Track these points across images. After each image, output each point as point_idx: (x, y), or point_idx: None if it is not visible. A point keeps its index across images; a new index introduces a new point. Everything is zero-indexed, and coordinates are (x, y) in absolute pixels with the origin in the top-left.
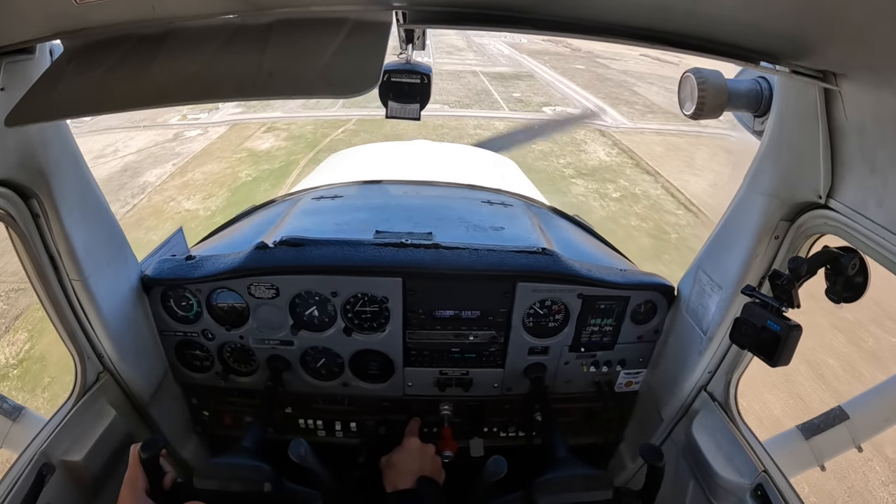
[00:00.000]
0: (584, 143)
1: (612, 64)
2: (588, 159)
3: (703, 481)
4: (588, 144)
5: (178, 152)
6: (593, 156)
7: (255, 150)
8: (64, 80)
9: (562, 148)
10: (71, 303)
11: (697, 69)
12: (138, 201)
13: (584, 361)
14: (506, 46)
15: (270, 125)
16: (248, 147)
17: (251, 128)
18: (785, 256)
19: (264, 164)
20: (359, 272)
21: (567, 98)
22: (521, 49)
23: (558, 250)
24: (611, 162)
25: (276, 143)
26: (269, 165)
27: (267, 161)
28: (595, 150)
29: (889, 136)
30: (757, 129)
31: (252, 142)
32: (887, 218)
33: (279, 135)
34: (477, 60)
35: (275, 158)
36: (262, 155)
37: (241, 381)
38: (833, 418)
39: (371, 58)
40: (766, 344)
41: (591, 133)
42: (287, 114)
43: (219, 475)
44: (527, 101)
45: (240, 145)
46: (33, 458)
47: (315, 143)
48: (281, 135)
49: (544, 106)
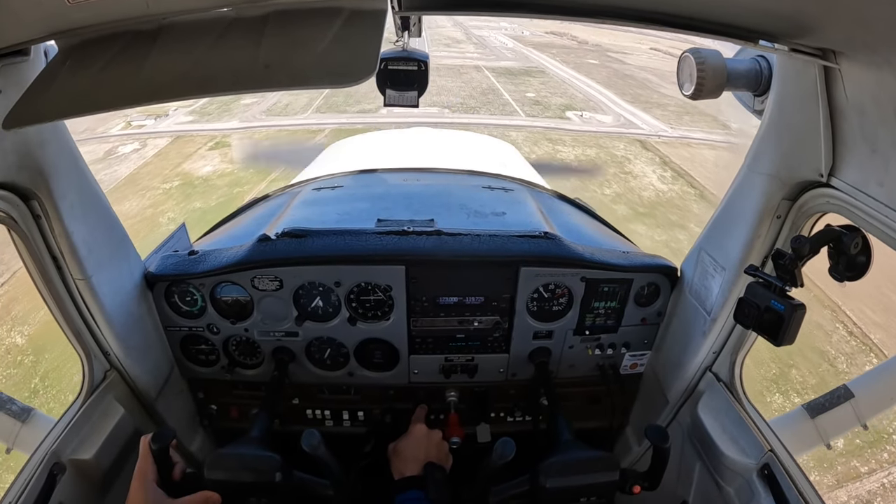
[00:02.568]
0: (628, 162)
1: (626, 59)
2: (640, 187)
3: (709, 462)
4: (633, 164)
5: (100, 180)
6: (644, 181)
7: (192, 175)
8: (60, 80)
9: (602, 170)
10: (76, 302)
11: (696, 49)
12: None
13: (589, 345)
14: (508, 39)
15: (220, 139)
16: (184, 171)
17: (196, 142)
18: (787, 236)
19: (198, 198)
20: (361, 261)
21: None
22: (525, 42)
23: (560, 234)
24: (669, 192)
25: (221, 166)
26: (203, 203)
27: (202, 194)
28: (644, 173)
29: (889, 115)
30: (757, 108)
31: (192, 162)
32: (889, 196)
33: (227, 153)
34: (479, 54)
35: (213, 190)
36: (199, 184)
37: (247, 373)
38: (838, 397)
39: (367, 46)
40: (771, 323)
41: (631, 146)
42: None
43: (228, 465)
44: (545, 104)
45: (176, 168)
46: (44, 458)
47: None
48: (229, 153)
49: (568, 110)
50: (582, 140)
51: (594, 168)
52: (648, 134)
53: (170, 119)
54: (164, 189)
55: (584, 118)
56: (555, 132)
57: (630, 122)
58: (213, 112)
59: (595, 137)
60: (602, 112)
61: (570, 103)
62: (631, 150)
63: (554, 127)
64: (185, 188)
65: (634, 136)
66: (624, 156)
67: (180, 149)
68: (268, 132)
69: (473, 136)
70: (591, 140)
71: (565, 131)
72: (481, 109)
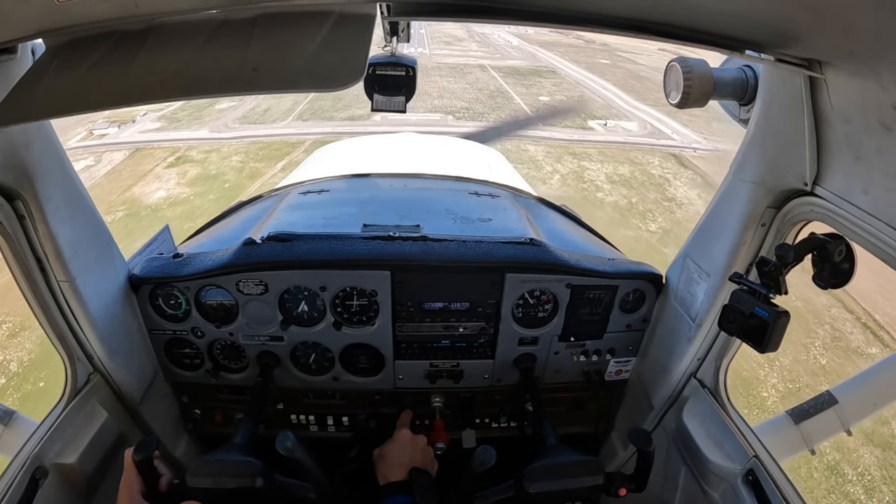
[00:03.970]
0: (667, 184)
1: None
2: (686, 219)
3: (694, 468)
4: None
5: None
6: (691, 211)
7: (140, 203)
8: (46, 79)
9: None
10: (59, 304)
11: (683, 58)
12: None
13: (574, 351)
14: (513, 37)
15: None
16: (133, 197)
17: (156, 156)
18: (772, 244)
19: (141, 234)
20: (347, 266)
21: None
22: (530, 40)
23: (546, 240)
24: None
25: (176, 190)
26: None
27: (147, 229)
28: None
29: (873, 124)
30: (742, 117)
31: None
32: (873, 205)
33: (186, 172)
34: (483, 52)
35: (160, 224)
36: (146, 215)
37: (232, 377)
38: (822, 403)
39: (356, 51)
40: (755, 330)
41: (666, 162)
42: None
43: (210, 472)
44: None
45: (124, 192)
46: (26, 462)
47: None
48: (189, 172)
49: (590, 119)
50: (610, 154)
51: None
52: (682, 146)
53: (136, 126)
54: (106, 222)
55: (608, 127)
56: (580, 145)
57: (658, 130)
58: (183, 118)
59: (624, 150)
60: (626, 118)
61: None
62: (668, 167)
63: (578, 139)
64: (129, 221)
65: (667, 148)
66: (662, 175)
67: (136, 165)
68: (238, 145)
69: (460, 142)
70: (620, 154)
71: (590, 144)
72: (490, 115)
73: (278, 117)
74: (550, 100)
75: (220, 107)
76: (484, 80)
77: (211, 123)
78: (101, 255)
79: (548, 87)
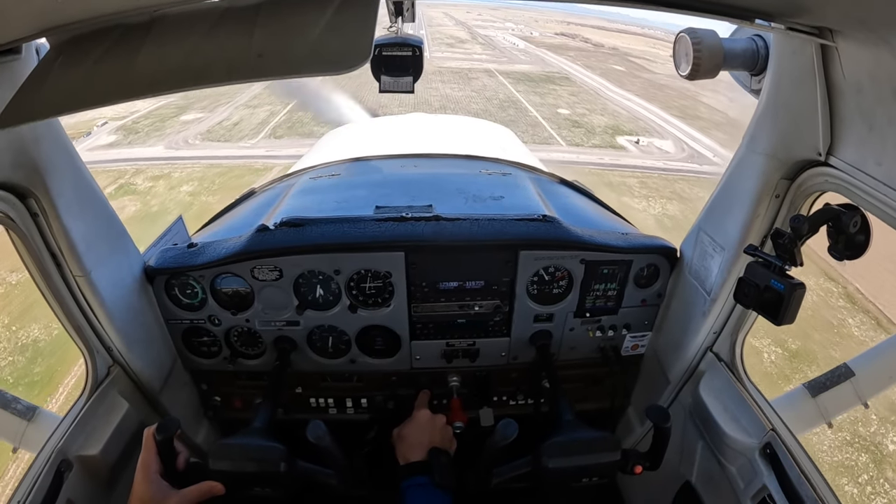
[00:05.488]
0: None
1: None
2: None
3: (711, 442)
4: None
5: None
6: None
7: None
8: (52, 77)
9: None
10: (76, 299)
11: (692, 29)
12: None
13: (590, 327)
14: (518, 39)
15: (126, 181)
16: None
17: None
18: (786, 215)
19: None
20: (361, 248)
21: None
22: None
23: (559, 217)
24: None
25: None
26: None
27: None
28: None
29: (887, 93)
30: (754, 87)
31: None
32: (887, 174)
33: (124, 208)
34: (488, 55)
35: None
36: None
37: (250, 364)
38: (839, 376)
39: (361, 32)
40: (771, 303)
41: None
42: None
43: (233, 456)
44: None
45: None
46: (51, 455)
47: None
48: (127, 209)
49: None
50: (653, 185)
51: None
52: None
53: (88, 140)
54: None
55: (641, 146)
56: (615, 172)
57: (698, 153)
58: (143, 130)
59: (667, 180)
60: (658, 136)
61: (617, 123)
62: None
63: (612, 164)
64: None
65: (713, 176)
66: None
67: None
68: (193, 168)
69: (470, 121)
70: (663, 184)
71: (627, 170)
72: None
73: (248, 133)
74: (571, 113)
75: (186, 118)
76: (492, 87)
77: (171, 137)
78: (114, 247)
79: (564, 96)
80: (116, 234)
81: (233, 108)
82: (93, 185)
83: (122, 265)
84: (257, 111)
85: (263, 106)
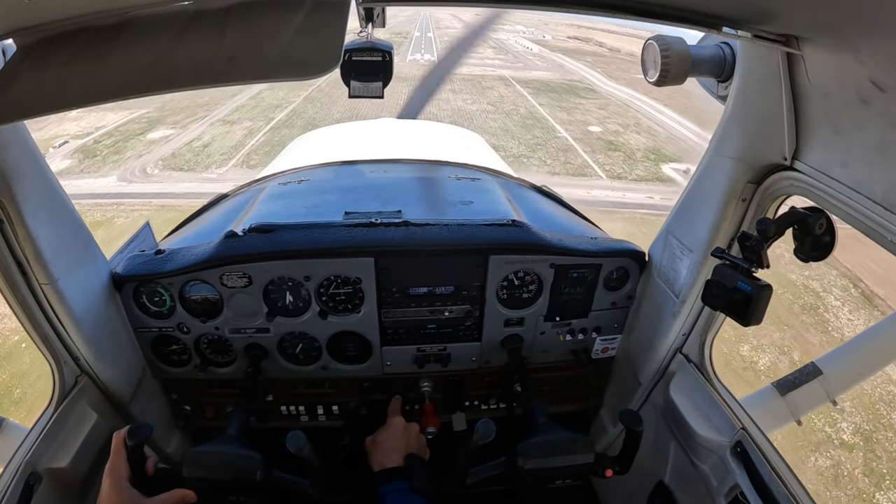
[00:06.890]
0: (824, 309)
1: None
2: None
3: (683, 441)
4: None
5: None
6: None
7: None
8: (19, 80)
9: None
10: (42, 308)
11: (660, 36)
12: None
13: (560, 330)
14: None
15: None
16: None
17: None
18: (753, 218)
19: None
20: (330, 254)
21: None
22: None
23: (528, 221)
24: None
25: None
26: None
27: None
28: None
29: (851, 98)
30: (721, 94)
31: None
32: (851, 178)
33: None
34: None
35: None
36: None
37: (220, 371)
38: (807, 374)
39: (331, 37)
40: (738, 304)
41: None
42: (123, 183)
43: (208, 464)
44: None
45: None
46: (19, 468)
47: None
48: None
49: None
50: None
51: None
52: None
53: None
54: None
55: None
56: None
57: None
58: (101, 153)
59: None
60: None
61: (657, 145)
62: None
63: (662, 203)
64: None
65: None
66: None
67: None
68: (143, 209)
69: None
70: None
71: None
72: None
73: (216, 160)
74: (603, 130)
75: (153, 135)
76: (510, 99)
77: (129, 163)
78: (82, 255)
79: (593, 110)
80: (84, 241)
81: (208, 123)
82: (59, 191)
83: (89, 273)
84: (234, 129)
85: (243, 122)
